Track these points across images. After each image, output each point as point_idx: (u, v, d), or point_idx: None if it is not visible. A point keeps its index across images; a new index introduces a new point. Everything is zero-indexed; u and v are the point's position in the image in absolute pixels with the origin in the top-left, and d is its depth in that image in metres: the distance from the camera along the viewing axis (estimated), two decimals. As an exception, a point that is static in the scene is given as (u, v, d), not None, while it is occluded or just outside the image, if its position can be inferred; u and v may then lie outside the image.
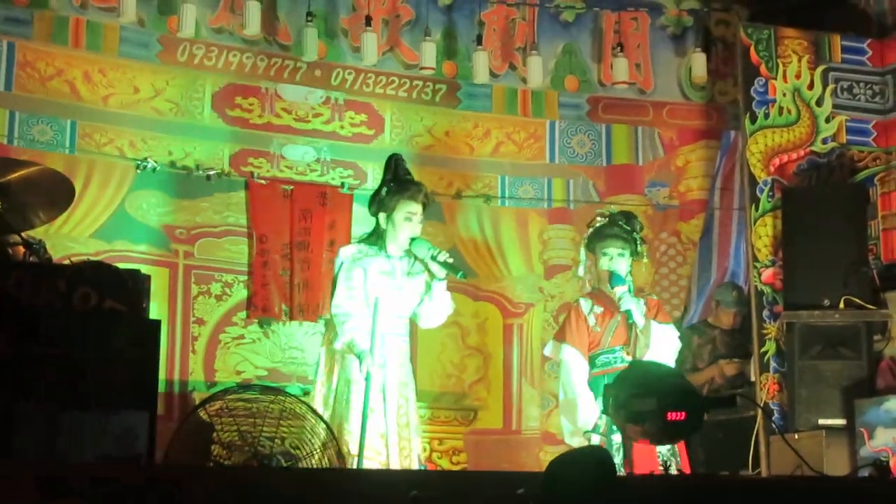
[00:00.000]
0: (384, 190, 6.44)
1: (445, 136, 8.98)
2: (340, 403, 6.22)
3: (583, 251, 6.86)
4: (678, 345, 6.77)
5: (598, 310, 6.68)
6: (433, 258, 6.33)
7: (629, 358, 6.53)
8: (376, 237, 6.46)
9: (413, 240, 6.38)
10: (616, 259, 6.65)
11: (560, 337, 6.77)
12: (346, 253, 6.43)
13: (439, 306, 6.48)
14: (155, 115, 8.28)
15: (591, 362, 6.63)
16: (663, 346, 6.62)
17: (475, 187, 8.98)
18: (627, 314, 6.52)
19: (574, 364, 6.60)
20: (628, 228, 6.68)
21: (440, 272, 6.38)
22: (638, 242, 6.71)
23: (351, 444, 6.08)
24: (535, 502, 3.92)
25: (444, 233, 8.81)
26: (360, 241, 6.52)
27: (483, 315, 8.95)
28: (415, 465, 6.28)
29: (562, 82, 9.04)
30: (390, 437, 6.19)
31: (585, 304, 6.73)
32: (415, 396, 6.47)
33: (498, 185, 9.06)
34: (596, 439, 6.30)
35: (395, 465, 6.13)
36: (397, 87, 8.78)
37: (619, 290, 6.56)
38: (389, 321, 6.32)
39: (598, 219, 6.79)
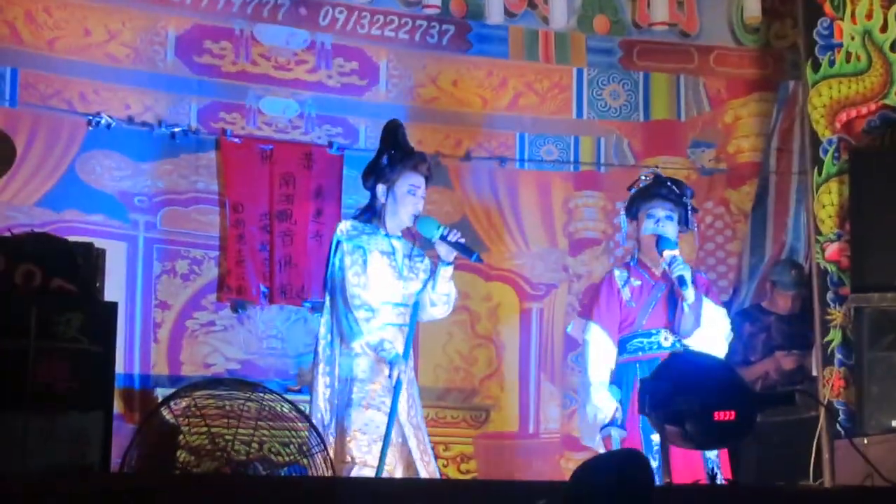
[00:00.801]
0: (384, 159, 6.46)
1: (453, 87, 8.96)
2: (342, 405, 6.25)
3: (623, 218, 6.83)
4: (731, 332, 6.76)
5: (636, 283, 6.66)
6: (443, 238, 6.35)
7: (667, 344, 6.52)
8: (372, 213, 6.50)
9: (419, 218, 6.41)
10: (664, 222, 6.61)
11: (586, 313, 6.76)
12: (342, 228, 6.46)
13: (443, 296, 6.50)
14: (109, 63, 8.26)
15: (622, 346, 6.62)
16: (715, 327, 6.61)
17: (488, 147, 8.96)
18: (679, 281, 6.42)
19: (595, 346, 6.60)
20: (678, 192, 6.66)
21: (448, 255, 6.40)
22: (689, 209, 6.69)
23: (354, 451, 6.14)
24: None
25: (451, 201, 8.80)
26: (353, 219, 6.55)
27: (496, 298, 8.95)
28: (437, 475, 6.34)
29: (590, 23, 9.03)
30: (409, 441, 6.26)
31: (620, 275, 6.70)
32: (419, 395, 6.52)
33: (515, 144, 9.04)
34: (616, 435, 6.32)
35: (424, 475, 6.20)
36: (396, 28, 8.77)
37: (669, 254, 6.50)
38: (389, 311, 6.36)
39: (643, 178, 6.77)
